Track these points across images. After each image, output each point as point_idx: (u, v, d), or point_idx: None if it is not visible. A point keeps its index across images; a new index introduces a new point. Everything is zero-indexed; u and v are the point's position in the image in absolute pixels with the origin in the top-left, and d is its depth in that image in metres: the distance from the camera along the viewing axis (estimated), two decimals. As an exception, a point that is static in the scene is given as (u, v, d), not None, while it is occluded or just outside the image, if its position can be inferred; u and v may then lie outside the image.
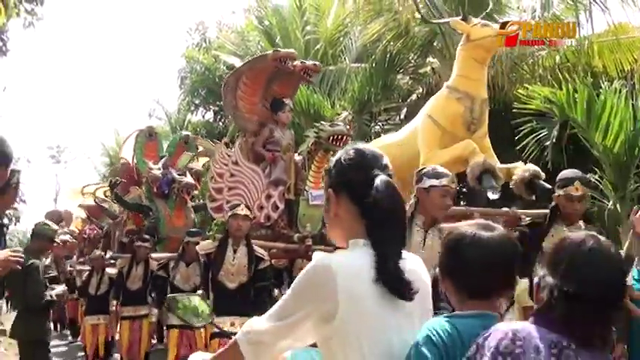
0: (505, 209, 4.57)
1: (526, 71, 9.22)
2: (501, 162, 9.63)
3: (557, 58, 9.17)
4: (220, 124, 15.68)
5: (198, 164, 9.92)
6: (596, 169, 7.04)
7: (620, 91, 6.59)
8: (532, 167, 4.47)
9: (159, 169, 9.02)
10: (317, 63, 7.04)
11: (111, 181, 9.85)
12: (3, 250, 2.68)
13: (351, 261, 1.58)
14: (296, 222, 6.24)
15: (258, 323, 1.65)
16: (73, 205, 17.82)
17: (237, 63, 13.66)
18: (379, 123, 10.66)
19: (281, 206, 6.30)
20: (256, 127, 6.80)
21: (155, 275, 6.82)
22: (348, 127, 6.38)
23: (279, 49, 7.29)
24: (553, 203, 3.93)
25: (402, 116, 10.49)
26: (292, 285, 1.61)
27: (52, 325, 15.51)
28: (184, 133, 10.34)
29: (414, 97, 10.34)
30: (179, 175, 8.87)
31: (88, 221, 14.70)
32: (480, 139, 4.91)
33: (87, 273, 8.60)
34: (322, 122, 6.49)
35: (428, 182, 3.33)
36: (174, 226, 8.48)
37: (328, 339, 1.58)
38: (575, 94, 6.58)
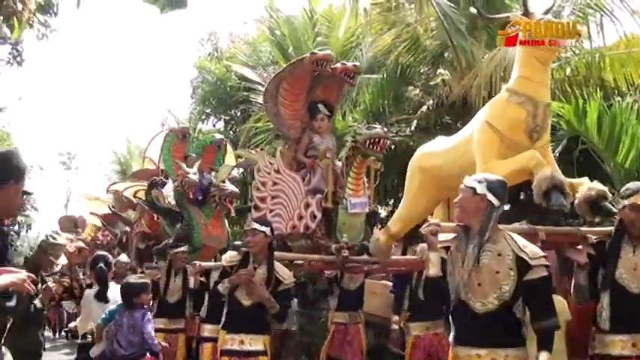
0: (570, 228, 4.21)
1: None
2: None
3: (568, 70, 9.09)
4: (231, 133, 15.73)
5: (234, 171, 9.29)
6: (607, 185, 7.02)
7: (632, 107, 6.59)
8: (599, 186, 4.04)
9: (195, 173, 8.44)
10: (357, 64, 6.71)
11: (153, 181, 9.28)
12: (21, 273, 2.71)
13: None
14: (335, 231, 5.94)
15: None
16: (84, 212, 17.87)
17: (249, 73, 13.70)
18: (389, 134, 10.58)
19: (318, 215, 6.02)
20: (299, 134, 6.59)
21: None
22: (385, 129, 6.00)
23: (315, 51, 6.77)
24: (618, 219, 3.74)
25: (412, 128, 10.48)
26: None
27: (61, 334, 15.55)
28: (218, 136, 9.69)
29: (424, 108, 10.31)
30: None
31: (102, 227, 14.56)
32: (543, 148, 4.35)
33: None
34: (359, 125, 6.19)
35: None
36: (210, 235, 8.04)
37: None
38: (587, 107, 6.57)
